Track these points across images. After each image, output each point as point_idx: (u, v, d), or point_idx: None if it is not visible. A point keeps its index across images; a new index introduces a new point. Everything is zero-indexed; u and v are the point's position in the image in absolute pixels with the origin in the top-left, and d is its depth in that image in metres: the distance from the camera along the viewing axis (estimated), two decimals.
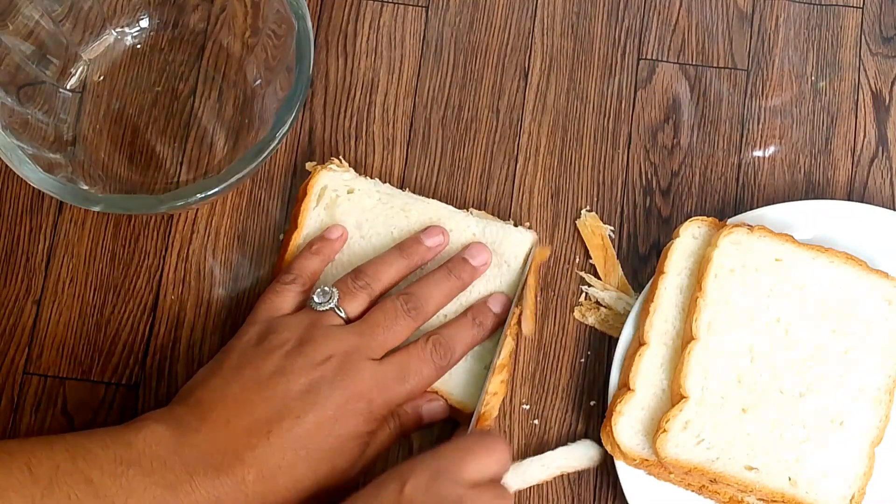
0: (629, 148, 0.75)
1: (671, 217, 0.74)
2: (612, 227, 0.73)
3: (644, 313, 0.68)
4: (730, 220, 0.70)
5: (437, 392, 0.67)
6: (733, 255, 0.68)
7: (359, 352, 0.63)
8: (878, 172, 0.75)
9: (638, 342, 0.67)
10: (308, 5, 0.70)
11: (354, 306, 0.66)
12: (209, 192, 0.65)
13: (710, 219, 0.70)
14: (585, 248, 0.73)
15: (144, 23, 0.75)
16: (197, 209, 0.73)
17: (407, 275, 0.69)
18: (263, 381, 0.61)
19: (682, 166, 0.75)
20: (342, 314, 0.65)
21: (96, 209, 0.65)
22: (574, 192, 0.74)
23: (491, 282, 0.70)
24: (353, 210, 0.71)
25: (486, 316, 0.68)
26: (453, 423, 0.69)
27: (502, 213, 0.73)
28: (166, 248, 0.72)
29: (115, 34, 0.75)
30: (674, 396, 0.66)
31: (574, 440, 0.69)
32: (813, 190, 0.75)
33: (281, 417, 0.61)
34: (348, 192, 0.71)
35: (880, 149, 0.75)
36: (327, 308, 0.65)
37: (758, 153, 0.75)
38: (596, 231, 0.72)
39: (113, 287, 0.72)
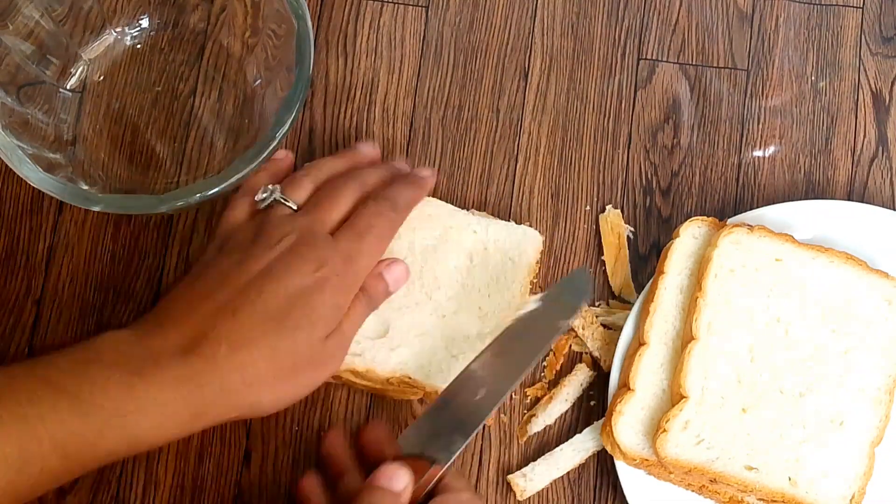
0: (629, 148, 0.75)
1: (671, 217, 0.74)
2: (631, 228, 0.73)
3: (644, 313, 0.68)
4: (730, 220, 0.70)
5: (416, 383, 0.67)
6: (733, 255, 0.68)
7: (311, 229, 0.63)
8: (878, 172, 0.75)
9: (638, 342, 0.67)
10: (308, 5, 0.70)
11: (300, 193, 0.66)
12: (209, 192, 0.65)
13: (710, 219, 0.70)
14: (586, 248, 0.73)
15: (144, 23, 0.75)
16: (197, 209, 0.73)
17: (347, 169, 0.69)
18: (224, 273, 0.61)
19: (682, 166, 0.75)
20: (290, 203, 0.65)
21: (96, 209, 0.65)
22: (574, 192, 0.74)
23: (497, 281, 0.69)
24: None
25: (416, 178, 0.69)
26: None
27: (502, 213, 0.73)
28: (166, 248, 0.72)
29: (115, 34, 0.75)
30: (674, 396, 0.66)
31: (573, 435, 0.69)
32: (813, 190, 0.75)
33: (244, 295, 0.60)
34: None
35: (880, 149, 0.75)
36: (271, 200, 0.65)
37: (758, 153, 0.75)
38: (615, 229, 0.72)
39: (113, 287, 0.72)
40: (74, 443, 0.55)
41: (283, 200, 0.65)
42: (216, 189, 0.65)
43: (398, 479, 0.59)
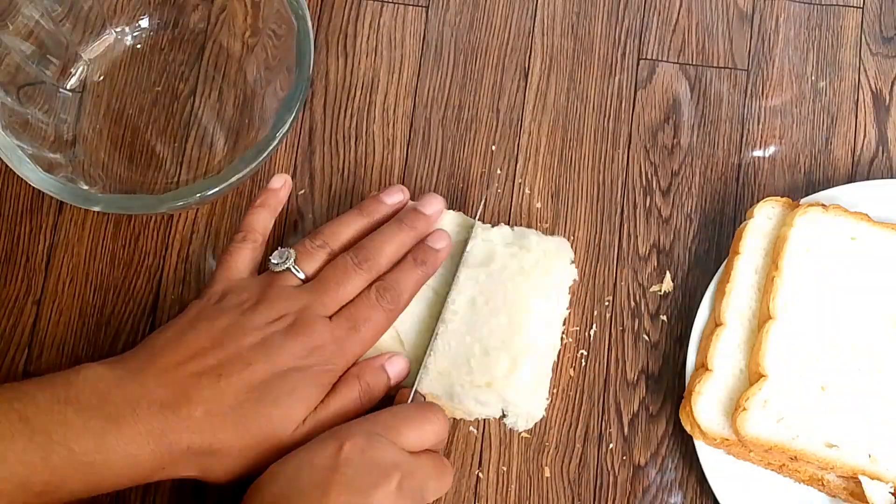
0: (629, 148, 0.75)
1: (671, 217, 0.74)
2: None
3: (720, 294, 0.68)
4: (803, 200, 0.70)
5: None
6: (809, 234, 0.68)
7: (311, 309, 0.64)
8: (878, 172, 0.75)
9: (714, 323, 0.68)
10: (308, 5, 0.70)
11: (312, 265, 0.66)
12: (209, 192, 0.65)
13: (784, 199, 0.70)
14: (586, 248, 0.73)
15: (144, 23, 0.75)
16: (197, 209, 0.73)
17: (366, 232, 0.68)
18: (217, 334, 0.62)
19: (682, 166, 0.75)
20: (299, 274, 0.65)
21: (96, 209, 0.65)
22: (574, 192, 0.74)
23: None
24: None
25: (426, 254, 0.67)
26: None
27: (502, 214, 0.73)
28: (166, 248, 0.72)
29: (115, 34, 0.75)
30: (752, 375, 0.66)
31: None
32: (813, 190, 0.75)
33: (231, 364, 0.61)
34: None
35: (880, 149, 0.75)
36: (284, 268, 0.65)
37: (758, 153, 0.75)
38: None
39: (113, 287, 0.71)
40: (40, 483, 0.56)
41: (294, 271, 0.65)
42: (216, 189, 0.65)
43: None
